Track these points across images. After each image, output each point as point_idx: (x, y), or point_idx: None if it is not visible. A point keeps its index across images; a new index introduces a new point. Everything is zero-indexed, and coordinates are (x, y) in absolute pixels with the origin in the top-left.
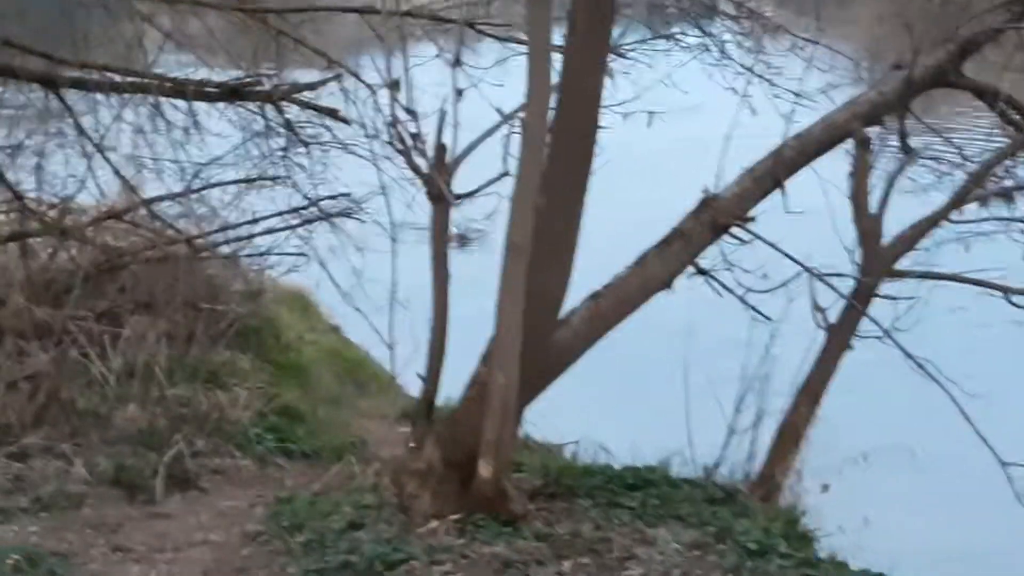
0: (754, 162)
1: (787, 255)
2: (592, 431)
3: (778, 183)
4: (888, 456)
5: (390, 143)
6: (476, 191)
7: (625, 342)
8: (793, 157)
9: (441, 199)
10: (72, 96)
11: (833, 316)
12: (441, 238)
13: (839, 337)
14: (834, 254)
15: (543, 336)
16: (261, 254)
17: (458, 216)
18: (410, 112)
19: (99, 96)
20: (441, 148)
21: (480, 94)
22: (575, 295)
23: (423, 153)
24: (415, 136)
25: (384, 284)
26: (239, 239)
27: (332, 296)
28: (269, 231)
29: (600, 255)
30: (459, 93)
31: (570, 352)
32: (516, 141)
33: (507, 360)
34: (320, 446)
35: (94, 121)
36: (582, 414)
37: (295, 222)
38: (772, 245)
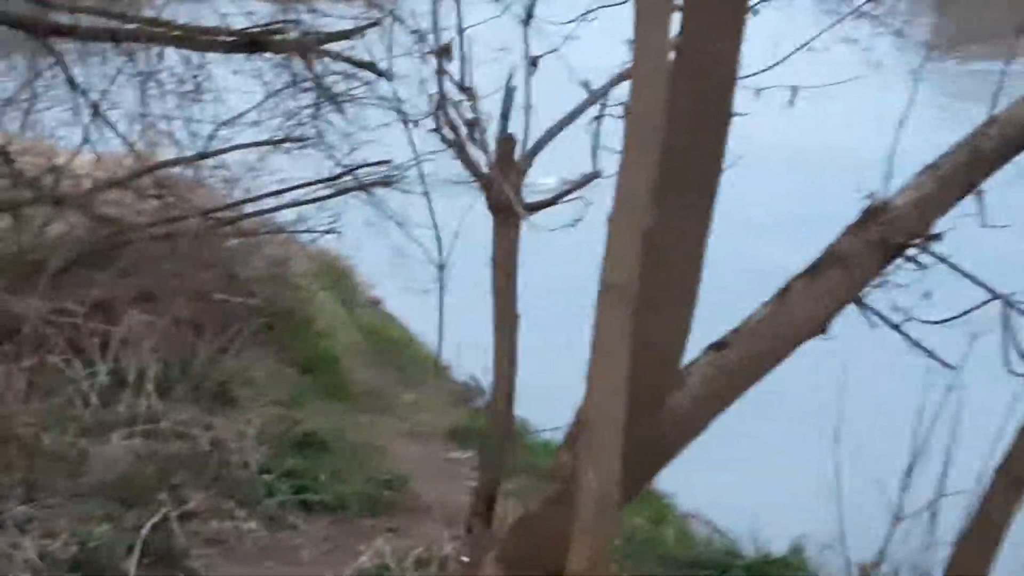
0: (938, 157)
1: (980, 283)
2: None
3: (972, 185)
4: None
5: (438, 132)
6: (555, 199)
7: None
8: (993, 149)
9: (507, 209)
10: (66, 46)
11: None
12: (507, 262)
13: None
14: None
15: (652, 407)
16: (287, 230)
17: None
18: (464, 89)
19: (96, 46)
20: (508, 140)
21: (557, 57)
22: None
23: (483, 146)
24: (471, 123)
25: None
26: (261, 212)
27: (370, 265)
28: (296, 203)
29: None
30: (533, 63)
31: (687, 425)
32: (614, 130)
33: (603, 451)
34: (347, 494)
35: (91, 75)
36: None
37: (327, 193)
38: (962, 271)
